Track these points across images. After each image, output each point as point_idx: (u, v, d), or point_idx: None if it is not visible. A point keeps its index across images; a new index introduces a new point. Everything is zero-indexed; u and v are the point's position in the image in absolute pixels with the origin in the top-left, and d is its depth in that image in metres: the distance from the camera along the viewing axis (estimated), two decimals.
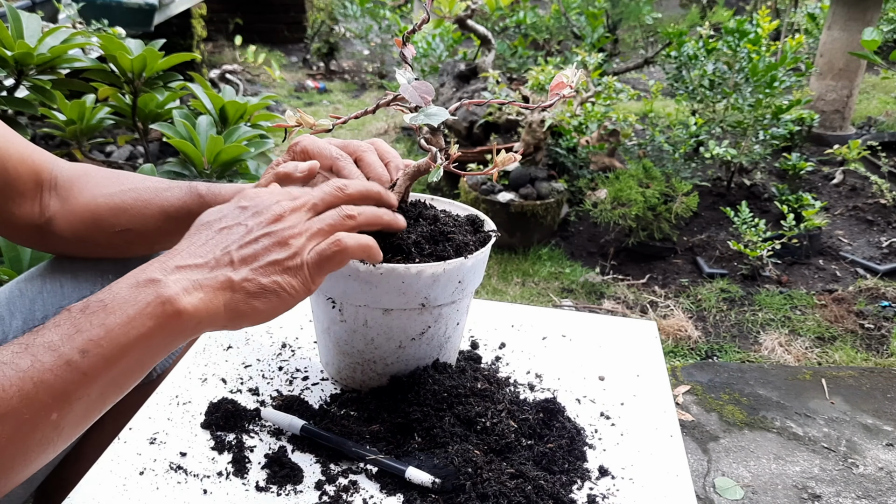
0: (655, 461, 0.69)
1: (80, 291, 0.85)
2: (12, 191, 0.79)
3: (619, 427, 0.74)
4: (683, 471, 0.68)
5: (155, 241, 0.85)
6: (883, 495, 1.59)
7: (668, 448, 0.71)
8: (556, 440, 0.68)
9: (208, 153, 1.33)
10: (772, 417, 1.86)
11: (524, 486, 0.61)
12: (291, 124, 0.69)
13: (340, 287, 0.69)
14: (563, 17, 4.66)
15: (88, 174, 0.84)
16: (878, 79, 5.25)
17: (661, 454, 0.70)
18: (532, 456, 0.66)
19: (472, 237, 0.73)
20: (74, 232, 0.82)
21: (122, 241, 0.83)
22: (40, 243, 0.86)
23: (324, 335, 0.76)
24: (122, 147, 3.15)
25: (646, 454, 0.70)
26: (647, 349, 0.89)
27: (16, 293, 0.84)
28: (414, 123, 0.66)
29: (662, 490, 0.65)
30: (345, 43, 6.46)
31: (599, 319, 0.95)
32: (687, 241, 2.99)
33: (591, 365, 0.85)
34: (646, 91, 4.78)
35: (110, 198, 0.81)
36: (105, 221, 0.81)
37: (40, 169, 0.81)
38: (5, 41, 1.27)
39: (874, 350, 2.29)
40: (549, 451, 0.67)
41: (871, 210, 3.20)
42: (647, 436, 0.73)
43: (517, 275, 2.76)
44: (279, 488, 0.63)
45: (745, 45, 2.97)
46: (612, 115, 3.03)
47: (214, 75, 4.61)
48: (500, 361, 0.85)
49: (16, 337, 0.81)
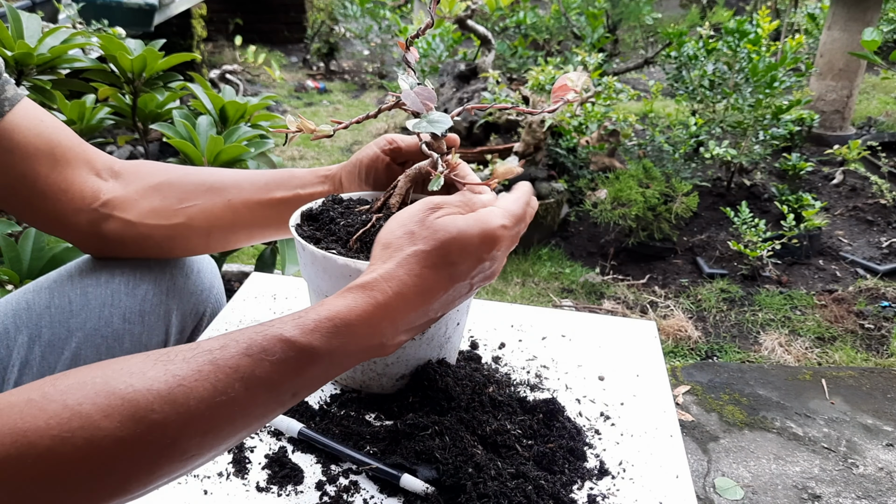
0: (656, 461, 0.69)
1: (87, 311, 0.82)
2: (62, 157, 0.76)
3: (619, 427, 0.74)
4: (684, 471, 0.68)
5: (235, 231, 0.84)
6: (883, 495, 1.59)
7: (668, 448, 0.71)
8: (556, 440, 0.68)
9: (208, 153, 1.33)
10: (772, 417, 1.86)
11: (525, 486, 0.61)
12: (292, 129, 0.68)
13: (339, 287, 0.68)
14: (563, 18, 4.66)
15: (147, 163, 0.84)
16: (878, 79, 5.25)
17: (661, 454, 0.70)
18: (532, 456, 0.66)
19: None
20: (138, 211, 0.80)
21: (195, 225, 0.81)
22: (91, 232, 0.81)
23: None
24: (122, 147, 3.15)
25: (646, 454, 0.70)
26: (647, 349, 0.89)
27: (22, 305, 0.82)
28: (417, 131, 0.65)
29: (663, 490, 0.65)
30: (345, 43, 6.46)
31: (599, 319, 0.95)
32: (687, 241, 2.99)
33: (590, 365, 0.85)
34: (646, 91, 4.78)
35: (185, 175, 0.82)
36: (178, 199, 0.80)
37: (91, 153, 0.80)
38: (5, 41, 1.27)
39: (874, 350, 2.29)
40: (549, 451, 0.67)
41: (871, 210, 3.20)
42: (647, 436, 0.73)
43: (517, 275, 2.76)
44: (280, 488, 0.63)
45: (745, 46, 2.98)
46: (612, 115, 3.03)
47: (214, 75, 4.61)
48: (499, 362, 0.84)
49: (20, 353, 0.80)
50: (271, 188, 0.81)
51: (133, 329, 0.84)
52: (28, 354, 0.81)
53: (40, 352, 0.81)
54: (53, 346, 0.81)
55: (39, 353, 0.81)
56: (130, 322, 0.84)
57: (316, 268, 0.67)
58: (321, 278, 0.67)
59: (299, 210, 0.75)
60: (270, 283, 1.00)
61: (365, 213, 0.73)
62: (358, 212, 0.74)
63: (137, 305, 0.84)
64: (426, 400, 0.70)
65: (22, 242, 1.16)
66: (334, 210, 0.74)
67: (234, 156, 1.34)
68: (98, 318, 0.82)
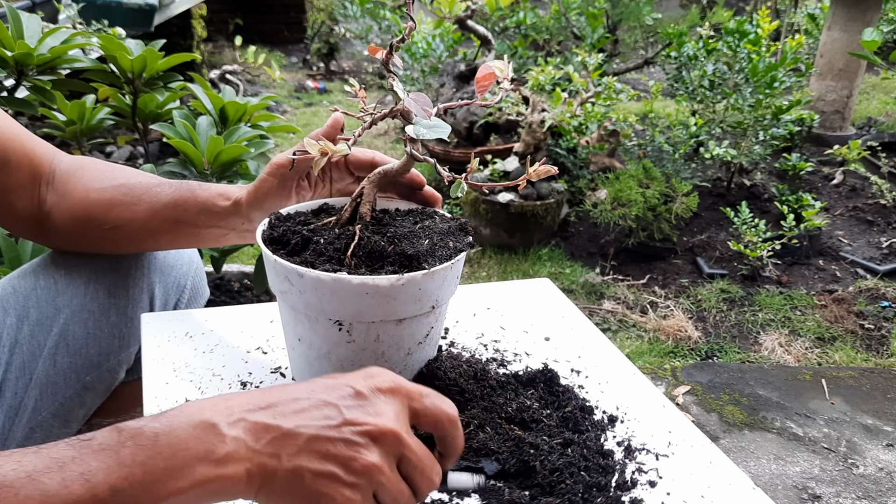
0: (642, 397, 0.77)
1: (73, 288, 0.85)
2: (13, 182, 0.79)
3: (592, 377, 0.80)
4: (662, 400, 0.77)
5: (142, 240, 0.85)
6: (883, 496, 1.59)
7: (643, 384, 0.79)
8: (567, 403, 0.73)
9: (208, 153, 1.33)
10: (772, 418, 1.86)
11: (578, 450, 0.65)
12: (314, 154, 0.65)
13: (353, 307, 0.64)
14: (563, 18, 4.66)
15: (84, 168, 0.84)
16: (878, 79, 5.25)
17: (640, 391, 0.78)
18: (557, 423, 0.69)
19: (445, 232, 0.72)
20: (69, 227, 0.82)
21: (113, 239, 0.83)
22: (40, 237, 0.86)
23: (320, 361, 0.70)
24: (122, 147, 3.15)
25: (631, 395, 0.77)
26: (557, 302, 0.97)
27: (9, 290, 0.84)
28: (417, 136, 0.65)
29: (663, 421, 0.73)
30: (345, 43, 6.46)
31: (496, 287, 1.02)
32: (687, 241, 2.99)
33: (531, 328, 0.90)
34: (646, 91, 4.78)
35: (102, 192, 0.81)
36: (96, 217, 0.81)
37: (40, 162, 0.81)
38: (5, 41, 1.27)
39: (874, 350, 2.29)
40: (569, 414, 0.71)
41: (871, 210, 3.20)
42: (618, 377, 0.80)
43: (517, 275, 2.76)
44: None
45: (746, 46, 2.97)
46: (612, 115, 3.03)
47: (214, 76, 4.62)
48: (455, 346, 0.86)
49: (9, 335, 0.82)
50: (177, 211, 0.80)
51: (118, 303, 0.88)
52: (17, 334, 0.84)
53: (29, 331, 0.84)
54: (41, 324, 0.85)
55: (28, 332, 0.84)
56: (115, 296, 0.88)
57: (321, 292, 0.64)
58: (328, 302, 0.64)
59: (263, 240, 0.70)
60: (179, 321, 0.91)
61: (339, 227, 0.70)
62: (327, 226, 0.71)
63: (122, 280, 0.88)
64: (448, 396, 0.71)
65: (22, 242, 1.16)
66: (298, 229, 0.70)
67: (234, 156, 1.34)
68: (84, 294, 0.86)
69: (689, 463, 0.67)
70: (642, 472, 0.66)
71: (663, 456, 0.68)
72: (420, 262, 0.66)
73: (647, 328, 2.40)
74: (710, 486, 0.64)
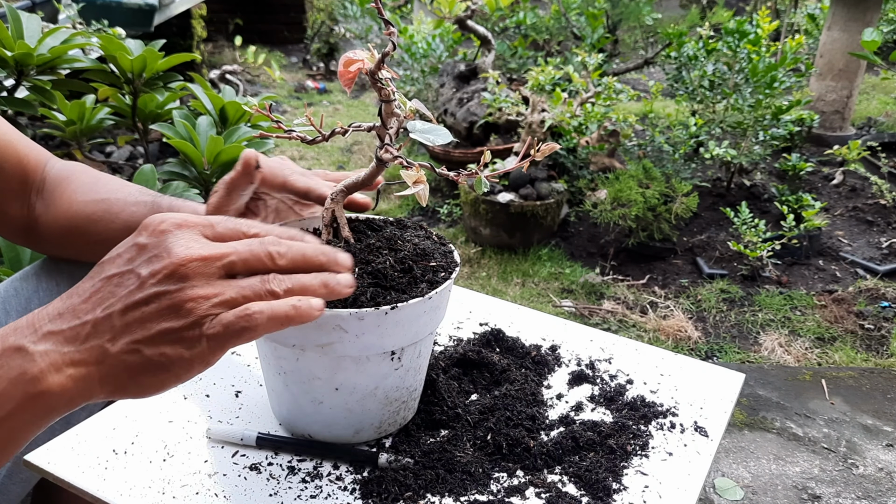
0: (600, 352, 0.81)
1: None
2: (5, 188, 0.78)
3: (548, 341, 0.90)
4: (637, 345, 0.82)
5: None
6: (883, 496, 1.59)
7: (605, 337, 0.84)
8: (530, 353, 0.84)
9: (208, 153, 1.33)
10: (772, 418, 1.86)
11: (609, 407, 0.77)
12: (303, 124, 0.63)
13: (412, 330, 0.62)
14: (563, 18, 4.66)
15: (70, 179, 0.83)
16: (878, 79, 5.25)
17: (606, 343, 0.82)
18: (534, 378, 0.79)
19: (426, 241, 0.70)
20: (56, 236, 0.82)
21: (97, 253, 0.83)
22: (30, 243, 0.85)
23: (364, 401, 0.65)
24: (122, 147, 3.15)
25: (599, 349, 0.80)
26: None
27: (11, 292, 0.84)
28: (417, 139, 0.63)
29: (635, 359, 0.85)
30: (345, 43, 6.46)
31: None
32: (687, 241, 2.99)
33: (475, 313, 0.97)
34: (646, 91, 4.78)
35: (84, 206, 0.80)
36: (79, 230, 0.80)
37: (33, 169, 0.81)
38: (5, 41, 1.27)
39: (874, 350, 2.29)
40: (541, 358, 0.83)
41: (871, 210, 3.20)
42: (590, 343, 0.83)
43: (517, 275, 2.76)
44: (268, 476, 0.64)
45: (745, 46, 2.97)
46: (611, 115, 3.03)
47: (214, 76, 4.62)
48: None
49: None
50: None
51: None
52: None
53: None
54: None
55: None
56: None
57: (383, 328, 0.60)
58: (390, 335, 0.61)
59: None
60: None
61: None
62: None
63: None
64: (476, 383, 0.79)
65: None
66: None
67: (234, 156, 1.34)
68: None
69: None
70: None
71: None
72: (425, 270, 0.64)
73: (646, 328, 2.40)
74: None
